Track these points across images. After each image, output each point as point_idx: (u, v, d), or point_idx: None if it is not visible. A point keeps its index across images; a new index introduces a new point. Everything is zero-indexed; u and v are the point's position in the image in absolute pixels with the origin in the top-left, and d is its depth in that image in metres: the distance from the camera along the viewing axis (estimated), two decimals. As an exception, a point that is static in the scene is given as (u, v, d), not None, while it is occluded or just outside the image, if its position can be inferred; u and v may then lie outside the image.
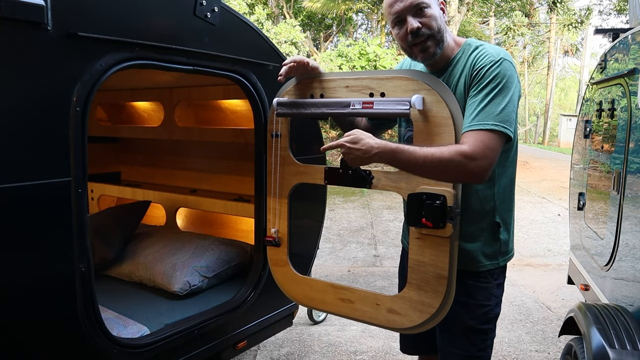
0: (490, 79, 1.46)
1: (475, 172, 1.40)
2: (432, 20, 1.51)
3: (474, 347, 1.65)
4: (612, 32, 2.97)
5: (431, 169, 1.44)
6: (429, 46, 1.52)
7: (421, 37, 1.51)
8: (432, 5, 1.52)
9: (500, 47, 1.59)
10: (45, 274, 1.56)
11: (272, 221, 1.99)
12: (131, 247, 2.86)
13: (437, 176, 1.49)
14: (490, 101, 1.44)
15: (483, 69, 1.48)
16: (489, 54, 1.50)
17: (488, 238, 1.62)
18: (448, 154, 1.40)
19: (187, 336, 2.12)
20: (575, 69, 34.61)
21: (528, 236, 6.37)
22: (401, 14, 1.51)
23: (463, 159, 1.39)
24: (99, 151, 3.82)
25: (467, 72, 1.53)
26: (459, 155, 1.39)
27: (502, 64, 1.47)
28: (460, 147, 1.41)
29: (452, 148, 1.42)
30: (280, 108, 1.86)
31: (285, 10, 17.83)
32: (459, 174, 1.44)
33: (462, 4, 13.35)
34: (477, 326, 1.64)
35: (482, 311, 1.64)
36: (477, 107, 1.45)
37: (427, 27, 1.50)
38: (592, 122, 3.03)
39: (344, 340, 3.32)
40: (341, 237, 6.13)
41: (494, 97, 1.44)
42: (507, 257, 1.68)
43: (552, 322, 3.70)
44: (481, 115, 1.43)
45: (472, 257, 1.62)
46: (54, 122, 1.53)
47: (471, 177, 1.43)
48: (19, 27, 1.41)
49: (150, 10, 1.82)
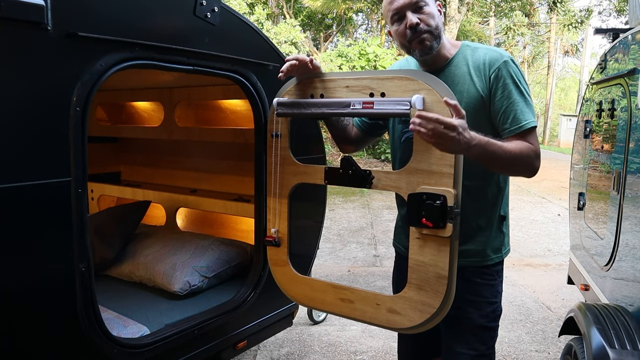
0: (517, 78, 1.56)
1: (537, 167, 1.55)
2: (430, 17, 1.57)
3: (483, 345, 1.69)
4: (612, 32, 2.97)
5: (509, 163, 1.51)
6: (426, 39, 1.58)
7: (420, 32, 1.57)
8: (430, 4, 1.59)
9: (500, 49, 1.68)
10: (45, 274, 1.56)
11: (272, 221, 1.99)
12: (131, 247, 2.86)
13: (509, 170, 1.60)
14: (525, 99, 1.56)
15: (503, 69, 1.56)
16: (498, 53, 1.60)
17: (495, 230, 1.69)
18: (524, 151, 1.51)
19: (187, 336, 2.12)
20: (575, 69, 34.63)
21: (528, 236, 6.36)
22: (401, 10, 1.57)
23: (533, 155, 1.53)
24: (99, 151, 3.82)
25: (478, 70, 1.59)
26: (531, 152, 1.52)
27: (514, 62, 1.59)
28: (528, 145, 1.53)
29: (524, 145, 1.52)
30: (280, 108, 1.86)
31: (285, 10, 17.83)
32: (526, 169, 1.55)
33: (462, 4, 13.35)
34: (486, 324, 1.69)
35: (491, 308, 1.69)
36: (519, 105, 1.54)
37: (425, 23, 1.57)
38: (592, 122, 3.03)
39: (344, 340, 3.32)
40: (341, 237, 6.13)
41: (526, 96, 1.56)
42: (507, 250, 1.76)
43: (552, 322, 3.70)
44: (527, 114, 1.54)
45: (480, 250, 1.67)
46: (54, 122, 1.53)
47: (534, 171, 1.55)
48: (19, 27, 1.41)
49: (151, 10, 1.82)
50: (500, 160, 1.48)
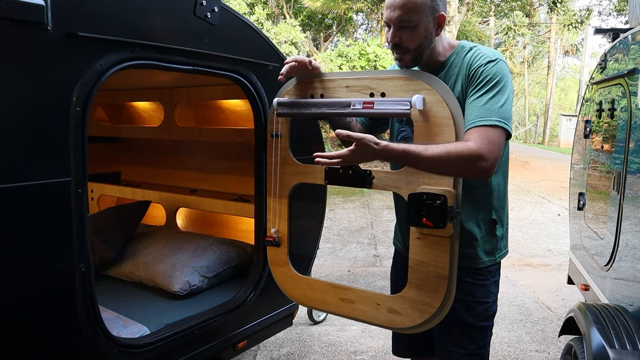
0: (489, 78, 1.50)
1: (482, 167, 1.42)
2: (413, 39, 1.56)
3: (473, 344, 1.69)
4: (612, 32, 2.97)
5: (439, 166, 1.45)
6: (402, 59, 1.61)
7: (398, 50, 1.59)
8: (419, 26, 1.54)
9: (494, 49, 1.64)
10: (45, 274, 1.56)
11: (272, 221, 1.99)
12: (131, 247, 2.86)
13: (445, 173, 1.52)
14: (490, 98, 1.47)
15: (480, 67, 1.52)
16: (484, 55, 1.55)
17: (486, 234, 1.67)
18: (455, 151, 1.41)
19: (187, 336, 2.12)
20: (575, 69, 34.62)
21: (528, 236, 6.36)
22: (388, 22, 1.58)
23: (469, 155, 1.40)
24: (99, 151, 3.82)
25: (464, 72, 1.57)
26: (467, 151, 1.41)
27: (498, 63, 1.52)
28: (466, 143, 1.42)
29: (458, 145, 1.43)
30: (280, 108, 1.86)
31: (285, 10, 17.83)
32: (466, 170, 1.46)
33: (462, 4, 13.34)
34: (476, 323, 1.68)
35: (482, 308, 1.68)
36: (478, 104, 1.48)
37: (406, 43, 1.57)
38: (592, 122, 3.03)
39: (344, 340, 3.32)
40: (341, 237, 6.13)
41: (494, 95, 1.47)
42: (503, 254, 1.73)
43: (552, 322, 3.70)
44: (483, 111, 1.46)
45: (472, 253, 1.66)
46: (54, 122, 1.53)
47: (479, 172, 1.44)
48: (19, 27, 1.41)
49: (151, 10, 1.82)
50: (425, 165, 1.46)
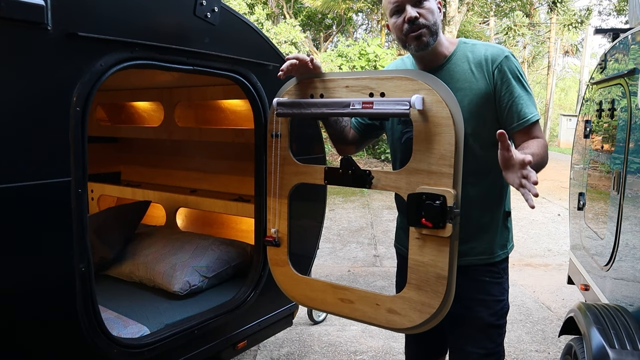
0: (518, 72, 1.60)
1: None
2: (429, 13, 1.58)
3: (492, 343, 1.71)
4: (612, 32, 2.97)
5: (543, 165, 1.56)
6: (423, 34, 1.58)
7: (417, 26, 1.57)
8: (431, 0, 1.59)
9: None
10: (45, 274, 1.56)
11: (272, 221, 1.99)
12: (131, 247, 2.86)
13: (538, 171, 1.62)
14: (528, 93, 1.60)
15: (505, 64, 1.59)
16: (498, 49, 1.62)
17: (500, 227, 1.71)
18: (542, 148, 1.54)
19: (187, 336, 2.12)
20: (575, 69, 34.60)
21: (528, 236, 6.36)
22: (401, 3, 1.57)
23: (546, 148, 1.57)
24: (99, 151, 3.82)
25: (480, 66, 1.60)
26: (544, 145, 1.56)
27: (513, 56, 1.63)
28: (540, 140, 1.57)
29: (541, 142, 1.56)
30: (280, 108, 1.86)
31: (285, 10, 17.83)
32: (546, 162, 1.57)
33: (462, 4, 13.34)
34: (495, 322, 1.71)
35: (500, 306, 1.71)
36: (523, 100, 1.58)
37: (424, 18, 1.57)
38: (592, 122, 3.03)
39: (344, 340, 3.32)
40: (341, 237, 6.13)
41: (528, 90, 1.61)
42: (512, 246, 1.78)
43: (552, 322, 3.70)
44: (531, 107, 1.59)
45: (487, 248, 1.69)
46: (54, 122, 1.53)
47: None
48: (19, 27, 1.41)
49: (150, 10, 1.82)
50: (538, 166, 1.51)
